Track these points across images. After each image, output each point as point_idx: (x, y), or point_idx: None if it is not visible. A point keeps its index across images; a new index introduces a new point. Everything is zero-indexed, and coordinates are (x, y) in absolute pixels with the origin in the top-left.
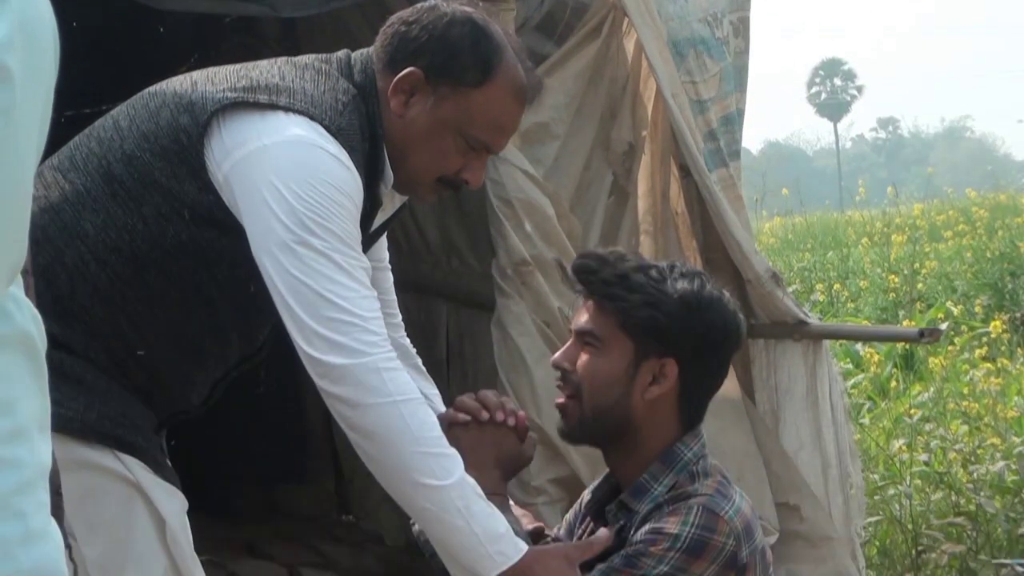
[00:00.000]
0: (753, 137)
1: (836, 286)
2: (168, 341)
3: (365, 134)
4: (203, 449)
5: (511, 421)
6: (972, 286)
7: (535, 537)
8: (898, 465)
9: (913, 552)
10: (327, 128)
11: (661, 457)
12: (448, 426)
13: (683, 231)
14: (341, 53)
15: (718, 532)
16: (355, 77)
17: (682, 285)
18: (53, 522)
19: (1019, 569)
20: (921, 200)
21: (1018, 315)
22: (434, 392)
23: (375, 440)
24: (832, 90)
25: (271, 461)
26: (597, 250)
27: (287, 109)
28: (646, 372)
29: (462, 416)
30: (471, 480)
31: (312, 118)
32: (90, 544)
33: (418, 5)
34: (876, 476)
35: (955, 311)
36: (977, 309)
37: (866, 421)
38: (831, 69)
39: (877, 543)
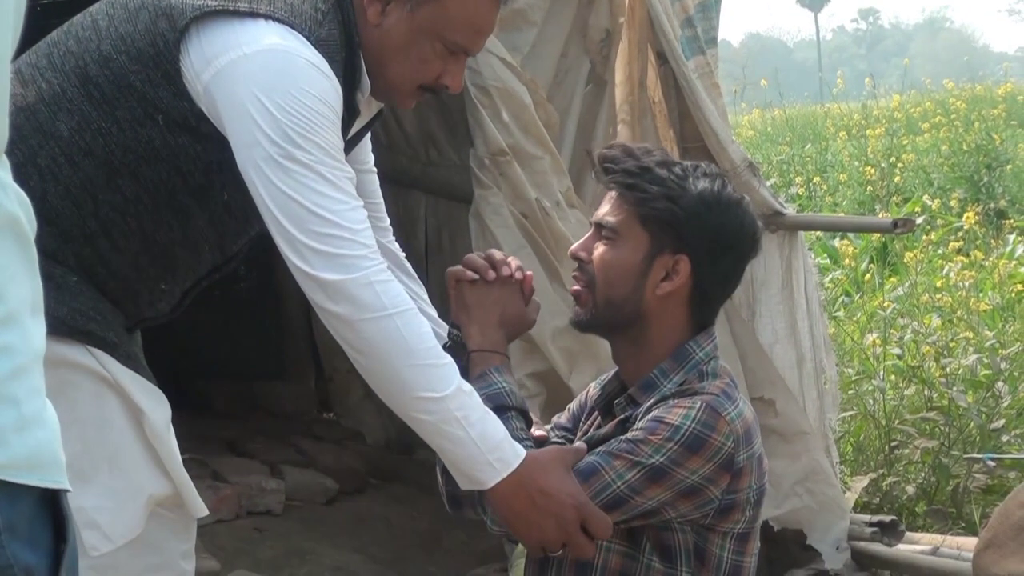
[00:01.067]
0: (734, 29)
1: (815, 179)
2: (139, 248)
3: (343, 44)
4: (182, 345)
5: (518, 275)
6: (948, 179)
7: (539, 444)
8: (872, 359)
9: (886, 448)
10: (307, 38)
11: (673, 355)
12: (455, 282)
13: (660, 120)
14: None
15: (717, 431)
16: None
17: (703, 184)
18: (49, 407)
19: (990, 464)
20: (900, 92)
21: (992, 207)
22: (423, 294)
23: (371, 355)
24: None
25: (251, 357)
26: (625, 143)
27: (267, 17)
28: (659, 267)
29: (469, 274)
30: (467, 387)
31: (292, 27)
32: (63, 444)
33: None
34: (850, 370)
35: (932, 205)
36: (953, 202)
37: (841, 315)
38: None
39: (851, 439)
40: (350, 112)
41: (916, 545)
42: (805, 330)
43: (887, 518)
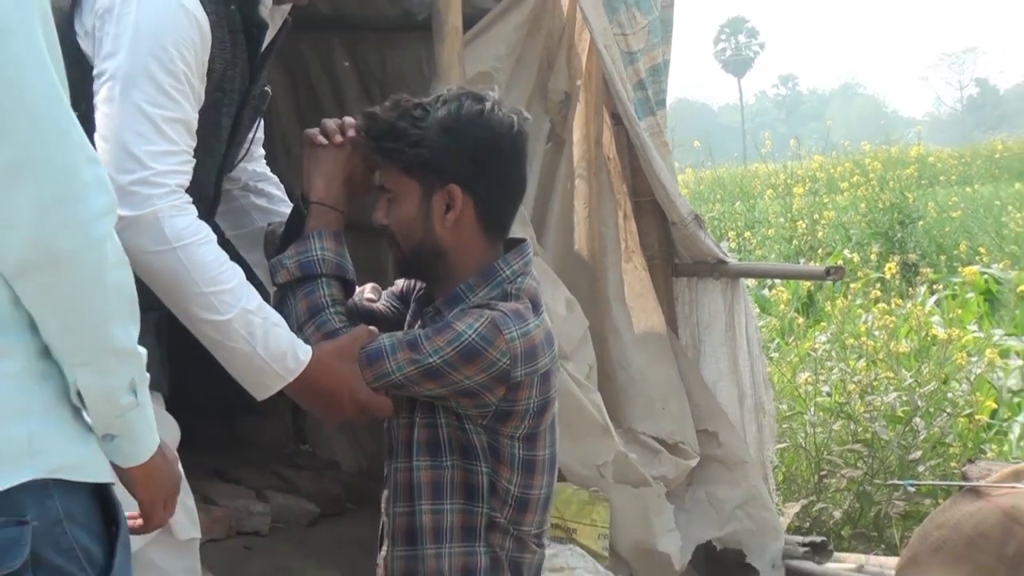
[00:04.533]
0: None
1: (746, 234)
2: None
3: None
4: (173, 383)
5: (352, 133)
6: (866, 234)
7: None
8: (803, 397)
9: (816, 477)
10: None
11: (481, 272)
12: (309, 145)
13: (614, 176)
14: None
15: (495, 347)
16: None
17: (442, 113)
18: (86, 418)
19: (911, 490)
20: (820, 153)
21: (905, 260)
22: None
23: (160, 285)
24: (736, 47)
25: (232, 396)
26: (374, 108)
27: None
28: (439, 203)
29: (320, 139)
30: (253, 304)
31: None
32: None
33: None
34: (784, 407)
35: (852, 258)
36: (872, 256)
37: (775, 355)
38: (735, 27)
39: (784, 469)
40: (259, 27)
41: (843, 564)
42: (746, 369)
43: (817, 539)
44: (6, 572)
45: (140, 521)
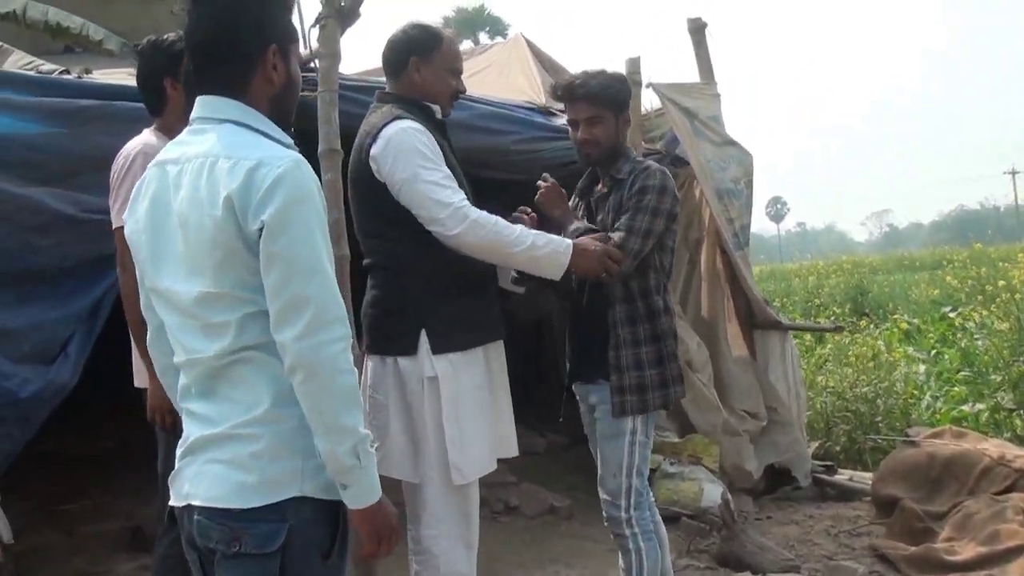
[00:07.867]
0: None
1: (783, 300)
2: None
3: (423, 113)
4: None
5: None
6: (843, 298)
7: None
8: (819, 388)
9: (826, 429)
10: (415, 119)
11: (623, 156)
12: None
13: (723, 280)
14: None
15: (667, 178)
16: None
17: (605, 77)
18: None
19: (880, 441)
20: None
21: (867, 313)
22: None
23: (486, 253)
24: (776, 209)
25: None
26: (568, 81)
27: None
28: (623, 122)
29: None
30: (531, 234)
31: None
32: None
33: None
34: (810, 393)
35: (838, 312)
36: (848, 312)
37: (805, 367)
38: (776, 199)
39: (810, 425)
40: (441, 128)
41: (840, 476)
42: (791, 376)
43: (828, 463)
44: (269, 551)
45: (367, 548)
